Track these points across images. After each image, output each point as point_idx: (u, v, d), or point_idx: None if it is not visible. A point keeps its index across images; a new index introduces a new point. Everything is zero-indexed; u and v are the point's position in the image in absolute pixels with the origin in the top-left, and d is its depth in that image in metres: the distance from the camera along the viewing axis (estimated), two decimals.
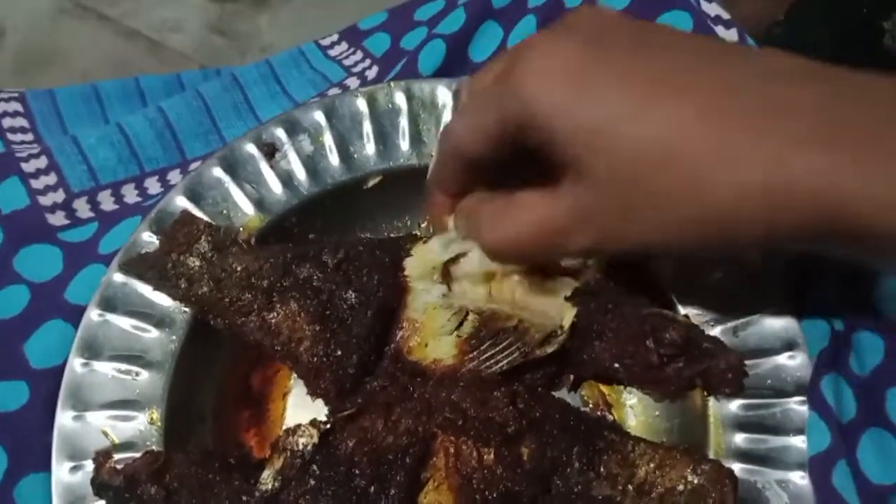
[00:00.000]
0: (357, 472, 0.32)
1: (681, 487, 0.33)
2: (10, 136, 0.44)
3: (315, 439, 0.32)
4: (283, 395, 0.39)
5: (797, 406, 0.36)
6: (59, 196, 0.42)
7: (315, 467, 0.32)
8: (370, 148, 0.42)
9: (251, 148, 0.41)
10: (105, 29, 1.05)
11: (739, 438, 0.36)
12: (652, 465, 0.33)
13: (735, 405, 0.36)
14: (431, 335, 0.37)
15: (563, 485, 0.32)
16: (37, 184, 0.42)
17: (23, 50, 1.02)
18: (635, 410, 0.39)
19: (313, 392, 0.36)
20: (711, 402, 0.36)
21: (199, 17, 1.09)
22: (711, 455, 0.35)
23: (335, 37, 0.51)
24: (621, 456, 0.33)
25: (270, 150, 0.41)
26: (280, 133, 0.41)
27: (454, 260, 0.37)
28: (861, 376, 0.35)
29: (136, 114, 0.45)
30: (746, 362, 0.36)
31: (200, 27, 1.07)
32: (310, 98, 0.47)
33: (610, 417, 0.39)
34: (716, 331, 0.37)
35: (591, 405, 0.39)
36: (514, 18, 0.46)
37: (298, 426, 0.32)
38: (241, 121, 0.46)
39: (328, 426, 0.32)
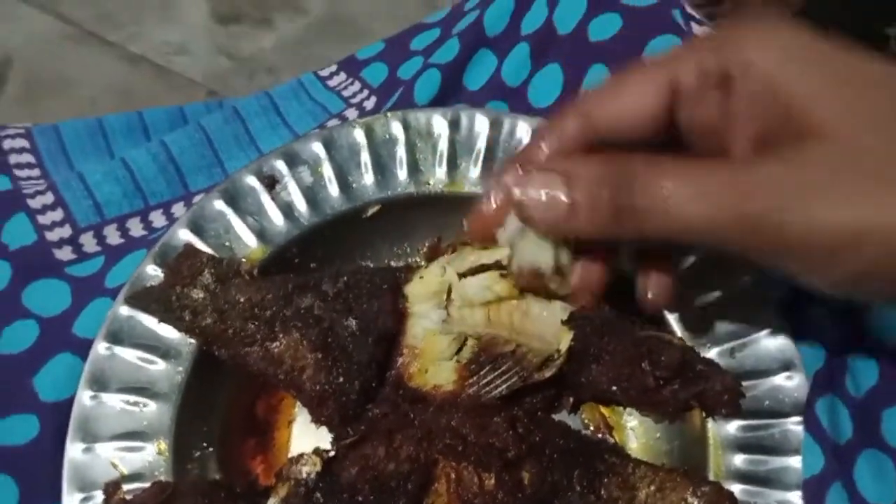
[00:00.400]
0: (360, 499, 0.32)
1: None
2: (17, 172, 0.45)
3: (318, 467, 0.32)
4: (287, 423, 0.40)
5: (795, 426, 0.36)
6: (66, 231, 0.43)
7: (319, 495, 0.32)
8: (368, 178, 0.43)
9: (252, 180, 0.42)
10: (110, 55, 1.07)
11: (739, 460, 0.36)
12: (652, 488, 0.34)
13: (734, 427, 0.37)
14: (431, 361, 0.38)
15: None
16: (44, 219, 0.43)
17: (29, 78, 1.04)
18: (636, 433, 0.40)
19: (317, 419, 0.37)
20: (710, 423, 0.37)
21: (204, 39, 1.10)
22: (711, 477, 0.36)
23: (334, 67, 0.52)
24: (622, 479, 0.34)
25: (271, 182, 0.42)
26: (280, 165, 0.42)
27: (453, 286, 0.38)
28: (857, 397, 0.35)
29: (139, 148, 0.46)
30: (744, 383, 0.36)
31: (206, 50, 1.09)
32: (309, 129, 0.48)
33: (611, 440, 0.39)
34: (712, 353, 0.38)
35: (591, 428, 0.40)
36: (508, 46, 0.47)
37: (302, 455, 0.33)
38: (242, 152, 0.47)
39: (331, 454, 0.33)
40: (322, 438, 0.37)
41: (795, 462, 0.35)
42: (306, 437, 0.39)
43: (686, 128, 0.25)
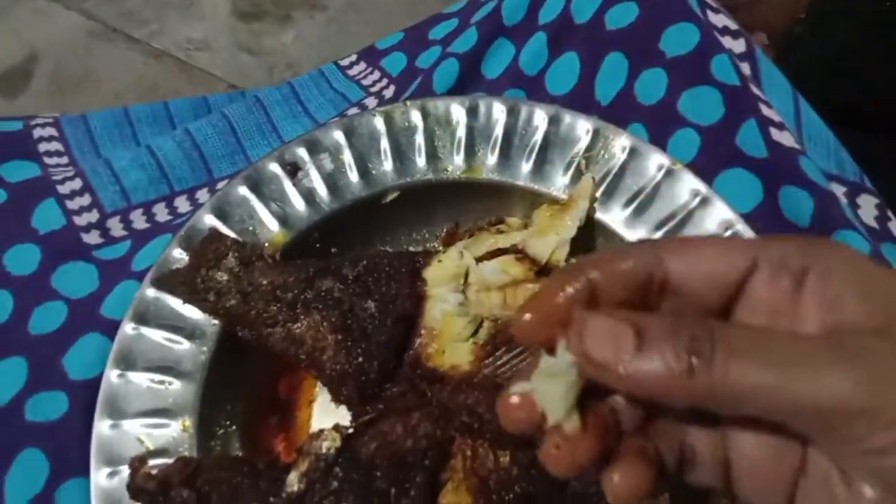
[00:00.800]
0: (378, 474, 0.33)
1: None
2: (47, 160, 0.46)
3: (338, 443, 0.33)
4: (308, 403, 0.41)
5: None
6: (94, 216, 0.44)
7: (338, 470, 0.33)
8: (388, 165, 0.43)
9: (275, 167, 0.43)
10: (134, 50, 1.09)
11: None
12: None
13: None
14: (448, 342, 0.38)
15: (579, 485, 0.33)
16: (72, 205, 0.44)
17: (56, 73, 1.06)
18: None
19: (337, 399, 0.38)
20: None
21: (225, 35, 1.12)
22: None
23: (354, 57, 0.53)
24: None
25: (293, 169, 0.43)
26: (302, 152, 0.43)
27: (470, 270, 0.39)
28: None
29: (165, 136, 0.47)
30: None
31: (228, 45, 1.11)
32: (330, 117, 0.49)
33: None
34: None
35: None
36: (525, 35, 0.47)
37: (322, 431, 0.34)
38: (264, 140, 0.48)
39: (351, 431, 0.34)
40: (342, 417, 0.38)
41: None
42: (326, 415, 0.40)
43: (749, 302, 0.25)
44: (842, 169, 0.44)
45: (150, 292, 0.39)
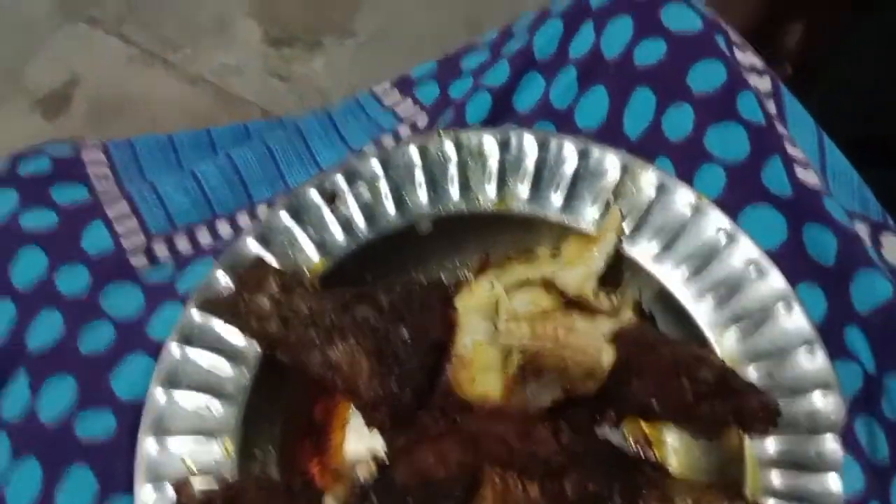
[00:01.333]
0: (411, 501, 0.35)
1: None
2: (95, 183, 0.48)
3: (374, 470, 0.35)
4: (342, 426, 0.42)
5: (832, 445, 0.37)
6: (140, 239, 0.46)
7: (373, 497, 0.34)
8: (422, 195, 0.45)
9: (314, 195, 0.44)
10: (171, 76, 1.12)
11: (776, 478, 0.37)
12: (689, 502, 0.35)
13: (771, 445, 0.38)
14: (479, 371, 0.40)
15: None
16: (119, 227, 0.46)
17: (95, 98, 1.09)
18: (675, 449, 0.41)
19: (370, 423, 0.39)
20: (747, 441, 0.38)
21: (257, 61, 1.15)
22: (749, 494, 0.37)
23: (387, 84, 0.55)
24: (660, 492, 0.36)
25: (331, 197, 0.45)
26: (340, 181, 0.45)
27: (501, 300, 0.40)
28: (893, 420, 0.36)
29: (207, 161, 0.49)
30: (780, 401, 0.38)
31: (259, 71, 1.13)
32: (365, 145, 0.50)
33: (650, 455, 0.41)
34: (750, 371, 0.39)
35: (632, 442, 0.42)
36: (556, 70, 0.49)
37: (358, 459, 0.35)
38: (303, 168, 0.49)
39: (385, 459, 0.35)
40: (375, 442, 0.39)
41: (831, 480, 0.36)
42: (359, 439, 0.41)
43: None
44: (865, 207, 0.45)
45: (195, 315, 0.41)
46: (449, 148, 0.46)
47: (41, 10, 1.20)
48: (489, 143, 0.45)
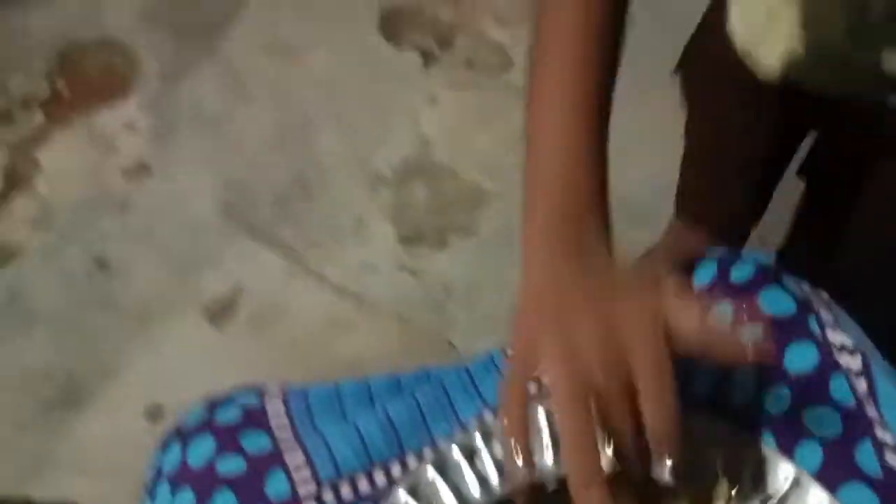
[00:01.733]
0: None
1: None
2: (276, 433, 0.58)
3: None
4: None
5: None
6: (312, 486, 0.55)
7: None
8: (548, 456, 0.52)
9: (457, 452, 0.53)
10: (324, 290, 1.28)
11: None
12: None
13: None
14: None
15: None
16: (296, 475, 0.55)
17: (254, 310, 1.26)
18: None
19: None
20: None
21: (390, 259, 1.30)
22: None
23: None
24: None
25: (469, 454, 0.53)
26: (478, 439, 0.53)
27: None
28: None
29: (367, 413, 0.58)
30: None
31: (391, 268, 1.28)
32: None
33: None
34: None
35: None
36: None
37: None
38: (445, 421, 0.58)
39: None
40: None
41: None
42: None
43: None
44: None
45: None
46: None
47: (206, 212, 1.40)
48: None
